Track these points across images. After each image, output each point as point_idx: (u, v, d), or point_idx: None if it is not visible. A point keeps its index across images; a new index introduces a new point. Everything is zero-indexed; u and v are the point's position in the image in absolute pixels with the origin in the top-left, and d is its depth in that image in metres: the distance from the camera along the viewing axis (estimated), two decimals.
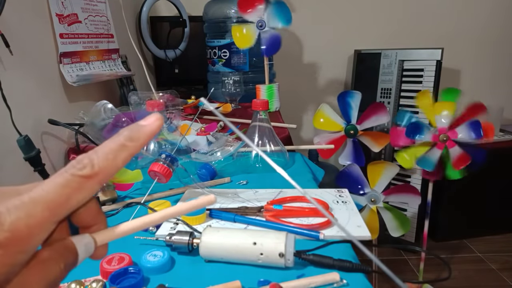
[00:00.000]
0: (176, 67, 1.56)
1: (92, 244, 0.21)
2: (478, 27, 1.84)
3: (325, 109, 1.09)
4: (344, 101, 1.07)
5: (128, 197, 0.66)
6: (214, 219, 0.56)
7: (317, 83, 1.93)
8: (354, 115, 1.07)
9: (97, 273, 0.44)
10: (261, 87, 1.20)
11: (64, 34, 0.88)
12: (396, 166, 1.05)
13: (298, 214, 0.56)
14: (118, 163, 0.19)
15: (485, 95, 1.89)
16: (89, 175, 0.18)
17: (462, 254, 1.69)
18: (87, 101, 1.03)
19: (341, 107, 1.08)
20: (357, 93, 1.06)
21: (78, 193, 0.18)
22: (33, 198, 0.17)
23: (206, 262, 0.46)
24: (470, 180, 1.54)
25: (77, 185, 0.18)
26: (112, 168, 0.19)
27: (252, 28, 1.04)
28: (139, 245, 0.50)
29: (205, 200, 0.22)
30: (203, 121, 1.06)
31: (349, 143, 1.08)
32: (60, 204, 0.18)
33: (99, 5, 1.07)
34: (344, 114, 1.07)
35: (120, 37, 1.19)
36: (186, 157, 0.70)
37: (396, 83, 1.61)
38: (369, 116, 1.06)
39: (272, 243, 0.43)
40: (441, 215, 1.73)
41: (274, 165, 0.22)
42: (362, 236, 0.51)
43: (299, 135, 1.98)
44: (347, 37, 1.85)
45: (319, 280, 0.41)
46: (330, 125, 1.08)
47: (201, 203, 0.22)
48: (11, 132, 0.68)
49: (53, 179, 0.18)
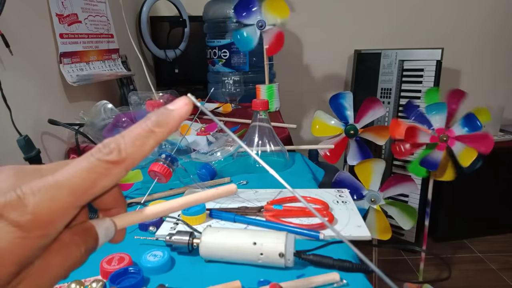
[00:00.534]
0: (176, 67, 1.56)
1: (112, 228, 0.20)
2: (478, 27, 1.84)
3: (319, 116, 1.09)
4: (337, 103, 1.07)
5: (128, 197, 0.66)
6: (214, 219, 0.56)
7: (317, 83, 1.93)
8: (350, 115, 1.07)
9: (97, 273, 0.44)
10: (261, 87, 1.20)
11: (64, 34, 0.89)
12: (382, 161, 1.05)
13: (298, 214, 0.56)
14: (145, 149, 0.19)
15: (485, 95, 1.89)
16: (116, 160, 0.18)
17: (462, 254, 1.69)
18: (87, 101, 1.03)
19: (335, 109, 1.08)
20: (348, 93, 1.06)
21: (104, 178, 0.18)
22: (58, 181, 0.17)
23: (206, 262, 0.46)
24: (470, 180, 1.54)
25: (104, 170, 0.17)
26: (139, 154, 0.18)
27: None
28: (139, 245, 0.50)
29: (226, 189, 0.22)
30: (203, 121, 1.06)
31: (352, 143, 1.08)
32: (85, 190, 0.17)
33: (99, 5, 1.07)
34: (340, 116, 1.07)
35: (120, 37, 1.19)
36: (186, 157, 0.70)
37: (396, 83, 1.61)
38: (365, 112, 1.06)
39: (272, 243, 0.43)
40: (441, 215, 1.73)
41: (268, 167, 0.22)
42: (362, 236, 0.51)
43: (299, 135, 1.98)
44: (347, 37, 1.85)
45: (319, 280, 0.41)
46: (328, 130, 1.08)
47: (222, 192, 0.22)
48: (11, 132, 0.68)
49: (79, 162, 0.17)
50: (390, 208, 1.06)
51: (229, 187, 0.22)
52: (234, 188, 0.22)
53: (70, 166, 0.17)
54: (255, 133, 0.76)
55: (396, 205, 1.07)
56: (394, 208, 1.07)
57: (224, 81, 1.29)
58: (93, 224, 0.19)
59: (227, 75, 1.32)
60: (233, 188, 0.22)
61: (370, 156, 1.07)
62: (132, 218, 0.21)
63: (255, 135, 0.76)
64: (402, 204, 1.08)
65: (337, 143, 1.07)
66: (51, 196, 0.16)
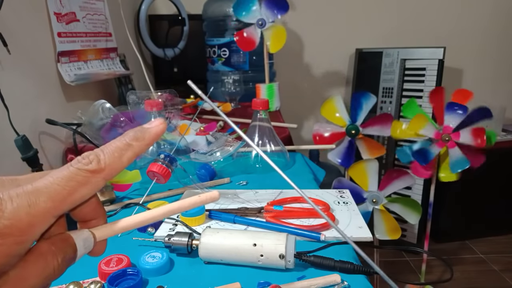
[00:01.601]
0: (175, 66, 1.55)
1: (91, 239, 0.20)
2: (480, 25, 1.84)
3: (335, 101, 1.08)
4: (357, 100, 1.06)
5: (126, 198, 0.66)
6: (213, 220, 0.55)
7: (318, 82, 1.92)
8: (361, 117, 1.06)
9: (96, 274, 0.44)
10: (261, 86, 1.19)
11: (62, 32, 0.88)
12: (374, 160, 1.04)
13: (298, 215, 0.55)
14: (123, 160, 0.20)
15: (488, 94, 1.88)
16: (95, 170, 0.19)
17: (464, 255, 1.69)
18: (85, 101, 1.02)
19: (352, 104, 1.07)
20: (373, 96, 1.05)
21: (83, 187, 0.18)
22: (36, 188, 0.17)
23: (205, 264, 0.46)
24: (472, 181, 1.54)
25: (83, 179, 0.18)
26: (118, 165, 0.20)
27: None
28: (137, 247, 0.50)
29: (208, 197, 0.21)
30: (202, 120, 1.06)
31: (345, 142, 1.07)
32: (64, 197, 0.18)
33: (97, 3, 1.07)
34: (352, 112, 1.07)
35: (119, 36, 1.18)
36: (185, 157, 0.70)
37: (398, 82, 1.61)
38: (374, 124, 1.05)
39: (272, 244, 0.42)
40: (443, 216, 1.72)
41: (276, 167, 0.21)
42: (363, 237, 0.50)
43: (299, 135, 1.97)
44: (349, 36, 1.84)
45: (320, 281, 0.40)
46: (335, 118, 1.07)
47: (204, 199, 0.22)
48: (8, 132, 0.67)
49: (58, 172, 0.18)
50: (393, 205, 1.05)
51: (212, 194, 0.22)
52: (217, 194, 0.21)
53: (50, 175, 0.18)
54: (255, 133, 0.75)
55: (398, 201, 1.06)
56: (397, 204, 1.06)
57: (224, 80, 1.28)
58: (71, 235, 0.19)
59: (227, 74, 1.32)
60: (216, 195, 0.21)
61: (350, 163, 1.06)
62: (111, 229, 0.21)
63: (255, 135, 0.75)
64: (404, 199, 1.07)
65: (334, 133, 1.07)
66: (29, 202, 0.16)
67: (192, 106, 1.13)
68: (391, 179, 1.05)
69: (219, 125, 1.01)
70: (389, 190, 1.05)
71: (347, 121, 1.06)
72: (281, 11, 1.03)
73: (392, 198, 1.06)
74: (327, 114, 1.08)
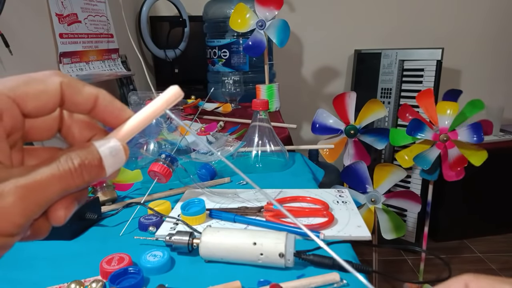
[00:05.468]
0: (176, 67, 1.56)
1: (119, 147, 0.18)
2: (478, 26, 1.84)
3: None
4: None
5: (128, 197, 0.66)
6: (214, 219, 0.56)
7: (317, 83, 1.93)
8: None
9: (97, 273, 0.44)
10: (261, 87, 1.20)
11: (64, 34, 0.88)
12: (404, 171, 1.05)
13: (298, 214, 0.56)
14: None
15: (485, 95, 1.89)
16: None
17: (462, 254, 1.69)
18: None
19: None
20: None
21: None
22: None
23: (206, 262, 0.46)
24: (471, 180, 1.54)
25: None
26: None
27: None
28: (139, 245, 0.50)
29: (170, 93, 0.20)
30: (203, 121, 1.06)
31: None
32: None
33: (98, 4, 1.07)
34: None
35: (120, 37, 1.19)
36: (186, 157, 0.70)
37: (397, 83, 1.61)
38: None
39: (272, 243, 0.43)
40: (441, 215, 1.73)
41: (233, 166, 0.21)
42: (362, 236, 0.51)
43: (299, 135, 1.97)
44: (347, 37, 1.85)
45: (319, 280, 0.41)
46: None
47: (168, 97, 0.20)
48: None
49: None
50: (382, 214, 1.07)
51: (173, 88, 0.20)
52: (177, 89, 0.20)
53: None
54: (255, 133, 0.76)
55: (389, 214, 1.07)
56: (386, 215, 1.07)
57: (224, 81, 1.29)
58: (94, 144, 0.18)
59: (227, 75, 1.32)
60: (176, 89, 0.20)
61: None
62: (131, 129, 0.19)
63: (255, 135, 0.76)
64: (395, 216, 1.08)
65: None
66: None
67: (192, 107, 1.13)
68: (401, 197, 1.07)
69: (220, 125, 1.02)
70: (391, 202, 1.06)
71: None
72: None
73: (386, 208, 1.07)
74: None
